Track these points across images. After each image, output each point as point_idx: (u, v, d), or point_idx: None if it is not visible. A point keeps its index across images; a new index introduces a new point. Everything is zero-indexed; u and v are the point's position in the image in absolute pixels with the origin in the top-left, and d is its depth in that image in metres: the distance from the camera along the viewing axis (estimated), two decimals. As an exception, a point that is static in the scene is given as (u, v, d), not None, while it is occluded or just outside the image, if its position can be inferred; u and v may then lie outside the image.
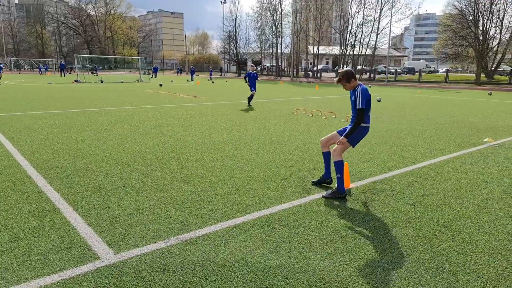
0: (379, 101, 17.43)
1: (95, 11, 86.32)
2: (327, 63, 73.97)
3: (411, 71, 60.55)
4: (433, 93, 24.93)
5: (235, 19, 58.80)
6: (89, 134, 8.09)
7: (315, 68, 53.83)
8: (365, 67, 51.45)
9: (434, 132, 9.22)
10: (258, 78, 15.81)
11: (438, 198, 4.56)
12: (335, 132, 4.93)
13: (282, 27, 54.03)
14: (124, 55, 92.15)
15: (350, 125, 4.78)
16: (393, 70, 48.00)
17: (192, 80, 39.94)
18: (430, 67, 67.11)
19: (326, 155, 4.90)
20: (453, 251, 3.24)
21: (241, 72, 65.08)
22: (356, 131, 4.54)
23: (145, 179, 4.97)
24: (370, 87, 32.04)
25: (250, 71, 15.25)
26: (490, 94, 23.37)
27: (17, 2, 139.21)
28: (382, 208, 4.20)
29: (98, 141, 7.32)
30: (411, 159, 6.43)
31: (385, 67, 64.49)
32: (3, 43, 64.25)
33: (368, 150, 7.05)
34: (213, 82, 36.07)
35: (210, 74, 45.37)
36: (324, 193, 4.60)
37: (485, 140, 8.29)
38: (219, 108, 13.63)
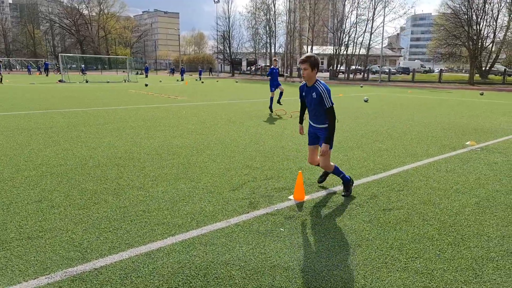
0: (366, 101, 16.90)
1: (88, 10, 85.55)
2: (322, 63, 73.50)
3: (405, 71, 60.09)
4: (424, 93, 24.43)
5: (229, 18, 58.23)
6: (38, 137, 7.47)
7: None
8: (359, 67, 50.98)
9: (415, 134, 8.66)
10: (266, 77, 14.87)
11: (400, 213, 3.99)
12: (309, 146, 4.53)
13: (275, 27, 53.51)
14: (117, 55, 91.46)
15: (315, 127, 4.34)
16: (387, 70, 47.49)
17: (182, 80, 39.32)
18: (425, 67, 66.68)
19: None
20: (402, 285, 2.67)
21: (235, 72, 64.51)
22: (333, 133, 4.12)
23: (70, 191, 4.38)
24: (362, 87, 31.59)
25: (273, 67, 12.93)
26: (481, 94, 22.88)
27: (11, 2, 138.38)
28: (332, 227, 3.62)
29: (43, 146, 6.70)
30: (382, 166, 5.87)
31: (379, 66, 64.23)
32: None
33: (339, 155, 6.48)
34: (202, 82, 35.46)
35: (200, 74, 44.78)
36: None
37: (467, 143, 7.75)
38: (196, 109, 13.04)
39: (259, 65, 63.02)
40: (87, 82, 28.30)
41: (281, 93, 12.92)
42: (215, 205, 4.07)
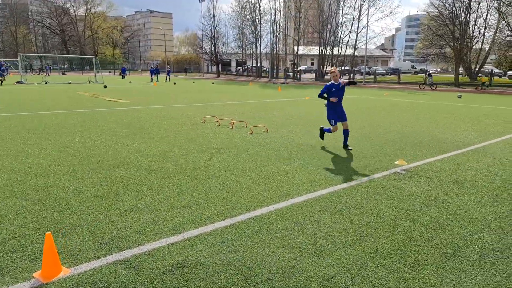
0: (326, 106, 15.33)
1: (73, 9, 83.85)
2: (312, 63, 71.99)
3: (396, 71, 58.63)
4: (401, 96, 22.91)
5: (214, 18, 56.62)
6: None
7: (297, 69, 51.72)
8: (346, 68, 49.46)
9: (342, 150, 7.14)
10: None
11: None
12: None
13: (260, 26, 51.94)
14: (105, 55, 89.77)
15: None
16: (372, 71, 45.98)
17: (154, 81, 37.68)
18: (415, 68, 65.20)
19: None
20: None
21: (222, 73, 62.91)
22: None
23: None
24: (339, 88, 30.00)
25: (333, 82, 7.16)
26: (459, 97, 21.36)
27: (0, 2, 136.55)
28: None
29: None
30: (264, 198, 4.37)
31: (369, 68, 62.68)
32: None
33: (215, 183, 4.93)
34: (174, 83, 33.85)
35: (168, 74, 42.35)
36: None
37: (396, 163, 6.22)
38: (120, 115, 11.40)
39: (246, 65, 61.43)
40: (46, 83, 26.71)
41: (346, 133, 7.24)
42: None
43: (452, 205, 4.34)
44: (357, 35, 45.34)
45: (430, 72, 35.28)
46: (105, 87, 24.60)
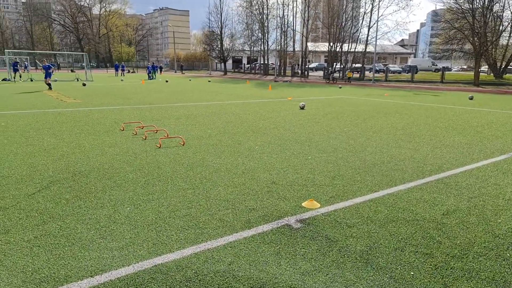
0: (302, 108, 13.15)
1: (88, 7, 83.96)
2: (325, 60, 69.07)
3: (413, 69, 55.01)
4: (405, 97, 20.28)
5: (221, 14, 54.70)
6: None
7: (305, 66, 49.16)
8: (357, 65, 46.55)
9: (265, 182, 5.02)
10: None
11: None
12: None
13: (268, 22, 49.65)
14: (120, 53, 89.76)
15: None
16: (384, 69, 42.91)
17: (151, 78, 36.18)
18: (436, 65, 61.07)
19: None
20: None
21: (230, 70, 61.02)
22: None
23: None
24: (340, 87, 27.61)
25: None
26: (471, 98, 18.54)
27: (24, 1, 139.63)
28: None
29: None
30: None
31: (384, 64, 59.14)
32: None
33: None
34: (167, 81, 32.16)
35: (122, 70, 42.80)
36: None
37: (303, 204, 4.08)
38: (39, 118, 9.57)
39: (255, 63, 59.27)
40: (31, 80, 25.55)
41: None
42: None
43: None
44: (368, 30, 42.46)
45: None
46: (84, 85, 23.14)
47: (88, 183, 4.67)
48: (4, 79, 26.55)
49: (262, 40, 50.86)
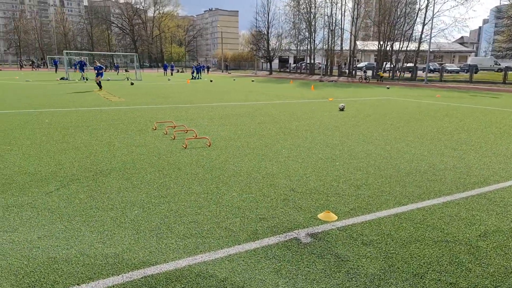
0: (341, 109, 12.61)
1: (144, 10, 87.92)
2: (375, 60, 66.54)
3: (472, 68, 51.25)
4: (456, 99, 18.83)
5: (268, 13, 54.60)
6: None
7: (353, 65, 47.65)
8: (408, 64, 44.25)
9: (230, 208, 4.78)
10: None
11: None
12: None
13: (315, 21, 48.73)
14: (171, 53, 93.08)
15: None
16: (439, 68, 40.34)
17: (196, 78, 36.92)
18: (499, 64, 56.34)
19: None
20: None
21: (276, 70, 60.67)
22: None
23: None
24: (388, 88, 26.34)
25: None
26: (535, 100, 16.75)
27: (86, 4, 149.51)
28: None
29: None
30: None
31: (440, 63, 55.66)
32: (54, 42, 67.40)
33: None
34: (211, 81, 32.64)
35: (172, 69, 43.46)
36: None
37: (319, 216, 3.76)
38: (82, 116, 10.01)
39: (301, 62, 58.45)
40: (86, 80, 27.13)
41: None
42: None
43: None
44: (423, 27, 40.15)
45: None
46: (132, 84, 24.15)
47: (105, 183, 4.69)
48: (62, 78, 28.44)
49: (308, 39, 50.06)
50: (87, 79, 27.18)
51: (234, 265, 2.87)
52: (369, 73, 38.91)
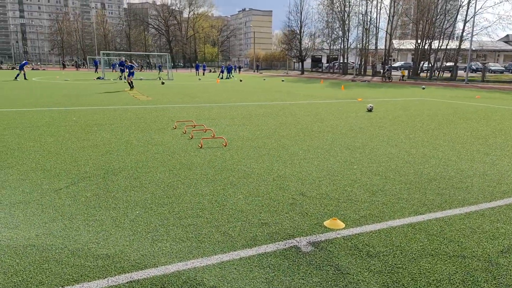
0: (369, 110, 12.15)
1: (179, 11, 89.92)
2: (412, 59, 64.14)
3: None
4: (498, 100, 17.69)
5: (301, 13, 54.02)
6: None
7: (388, 65, 46.16)
8: (448, 64, 42.28)
9: (228, 214, 4.59)
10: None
11: None
12: None
13: (349, 19, 47.64)
14: (205, 54, 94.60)
15: None
16: (481, 67, 38.20)
17: (227, 78, 37.14)
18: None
19: None
20: None
21: (307, 69, 59.93)
22: None
23: None
24: (423, 88, 25.26)
25: None
26: None
27: (125, 7, 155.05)
28: None
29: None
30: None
31: (483, 63, 52.68)
32: (94, 43, 70.41)
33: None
34: (241, 81, 32.69)
35: (204, 69, 42.92)
36: None
37: (325, 223, 3.54)
38: (107, 114, 10.22)
39: (334, 62, 57.39)
40: (120, 79, 28.02)
41: None
42: None
43: None
44: (464, 25, 38.20)
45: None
46: (163, 83, 24.65)
47: (114, 181, 4.70)
48: (98, 78, 29.53)
49: (342, 38, 49.04)
50: (125, 78, 27.99)
51: (224, 273, 2.73)
52: (406, 72, 37.63)
